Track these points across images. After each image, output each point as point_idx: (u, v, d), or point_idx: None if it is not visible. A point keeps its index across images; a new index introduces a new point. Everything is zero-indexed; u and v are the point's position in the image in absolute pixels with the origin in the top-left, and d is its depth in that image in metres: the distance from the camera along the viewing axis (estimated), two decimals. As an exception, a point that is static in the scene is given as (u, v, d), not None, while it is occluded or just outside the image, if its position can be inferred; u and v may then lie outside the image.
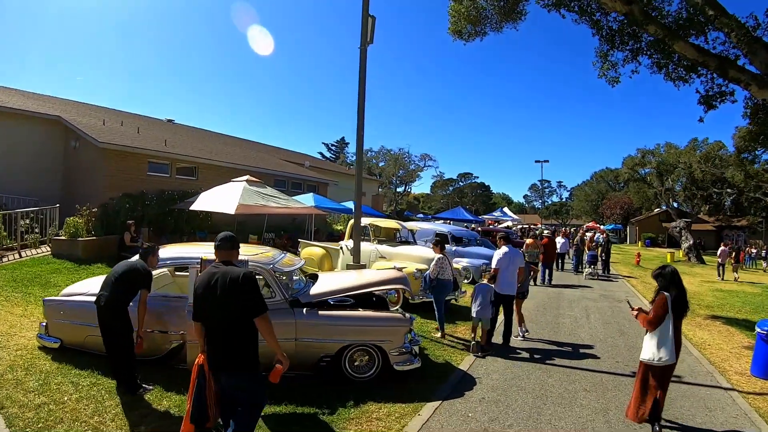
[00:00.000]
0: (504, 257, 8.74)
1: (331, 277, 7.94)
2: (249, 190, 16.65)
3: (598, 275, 19.57)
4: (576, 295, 14.65)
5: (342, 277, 7.98)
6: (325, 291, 6.83)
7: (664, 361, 5.25)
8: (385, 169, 49.20)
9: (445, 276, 9.10)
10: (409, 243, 12.64)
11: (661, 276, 5.44)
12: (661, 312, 5.24)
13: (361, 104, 10.35)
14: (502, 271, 8.72)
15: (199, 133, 31.72)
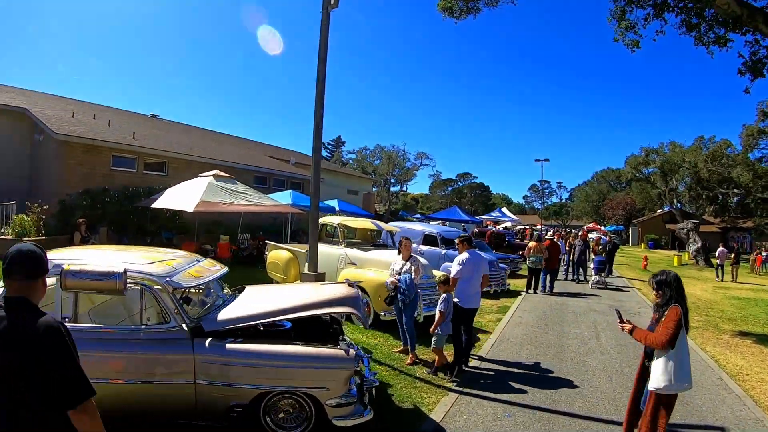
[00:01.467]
0: (468, 264, 7.11)
1: (260, 293, 6.10)
2: (214, 186, 15.21)
3: (606, 284, 17.24)
4: (582, 307, 12.81)
5: (274, 294, 6.16)
6: (241, 315, 5.00)
7: (684, 389, 4.40)
8: (379, 168, 47.28)
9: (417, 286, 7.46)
10: (386, 246, 10.81)
11: (665, 284, 4.55)
12: (676, 329, 4.24)
13: (322, 74, 8.60)
14: (465, 281, 7.09)
15: (179, 128, 29.93)
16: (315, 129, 8.72)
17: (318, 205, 8.76)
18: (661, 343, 4.26)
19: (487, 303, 12.67)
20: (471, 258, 7.13)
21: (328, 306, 5.42)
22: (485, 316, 11.04)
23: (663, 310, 4.46)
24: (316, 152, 8.77)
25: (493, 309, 11.96)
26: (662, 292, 4.55)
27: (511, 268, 18.44)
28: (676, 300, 4.42)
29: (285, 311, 5.19)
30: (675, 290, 4.51)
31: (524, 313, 11.61)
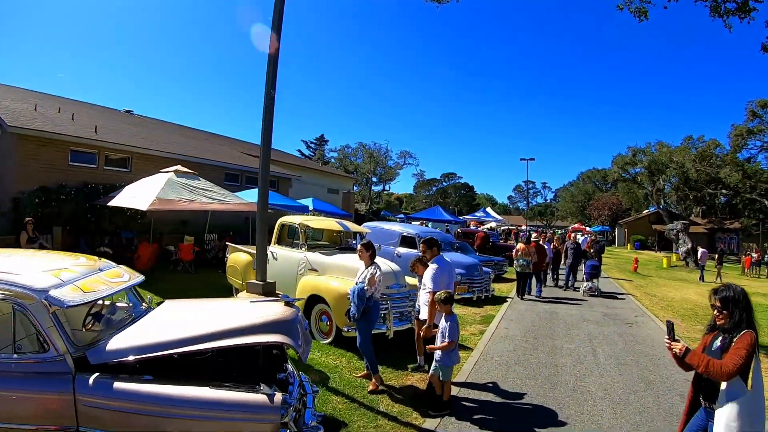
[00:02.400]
0: (442, 274, 6.02)
1: (176, 312, 4.79)
2: (174, 182, 13.98)
3: (599, 291, 15.35)
4: (573, 315, 11.59)
5: (192, 313, 4.79)
6: (138, 344, 3.73)
7: None
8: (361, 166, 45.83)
9: (378, 294, 6.31)
10: (354, 250, 9.47)
11: (733, 302, 3.39)
12: (748, 359, 3.15)
13: (274, 50, 7.26)
14: None
15: (151, 124, 28.27)
16: (265, 112, 7.38)
17: (266, 202, 7.42)
18: (726, 373, 3.16)
19: (470, 312, 11.44)
20: (443, 267, 5.91)
21: (252, 333, 4.08)
22: (467, 328, 9.80)
23: (732, 336, 3.34)
24: (266, 137, 7.42)
25: (476, 319, 10.72)
26: (728, 312, 3.41)
27: (495, 271, 17.23)
28: (747, 323, 3.34)
29: (194, 340, 3.86)
30: (745, 310, 3.41)
31: (510, 323, 10.36)
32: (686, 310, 13.89)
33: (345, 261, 8.44)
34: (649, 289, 18.27)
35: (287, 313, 4.51)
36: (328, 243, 10.67)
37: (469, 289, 12.54)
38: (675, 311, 13.47)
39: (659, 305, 14.31)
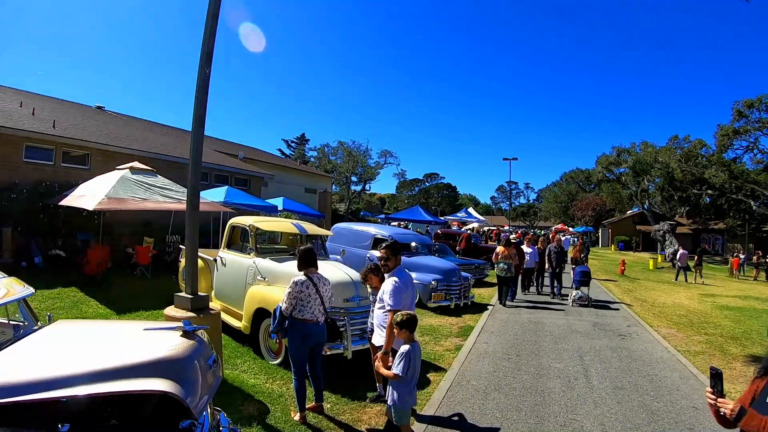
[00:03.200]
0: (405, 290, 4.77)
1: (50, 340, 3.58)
2: (128, 180, 12.87)
3: (590, 301, 13.57)
4: (560, 326, 10.49)
5: (66, 344, 3.55)
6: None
7: None
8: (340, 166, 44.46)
9: (306, 314, 5.00)
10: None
11: None
12: None
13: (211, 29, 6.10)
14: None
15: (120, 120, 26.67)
16: (198, 91, 6.18)
17: (197, 199, 6.22)
18: None
19: (447, 322, 10.30)
20: (406, 281, 4.72)
21: (127, 376, 2.91)
22: (442, 342, 8.65)
23: None
24: (198, 121, 6.21)
25: (453, 331, 9.56)
26: None
27: (476, 275, 16.11)
28: None
29: (47, 384, 2.68)
30: None
31: (491, 336, 9.22)
32: (680, 317, 12.91)
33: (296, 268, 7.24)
34: (639, 293, 17.31)
35: (181, 349, 3.31)
36: (286, 247, 9.47)
37: (446, 297, 11.40)
38: (669, 319, 12.47)
39: (651, 312, 13.31)
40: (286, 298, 4.94)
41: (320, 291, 5.03)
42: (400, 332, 4.23)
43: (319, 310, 5.00)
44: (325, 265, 7.21)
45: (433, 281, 11.17)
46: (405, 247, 12.99)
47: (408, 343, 4.21)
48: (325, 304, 5.10)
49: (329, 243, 14.68)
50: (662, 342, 9.64)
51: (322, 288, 5.10)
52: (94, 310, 9.56)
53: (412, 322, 4.21)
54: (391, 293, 4.59)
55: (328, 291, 5.22)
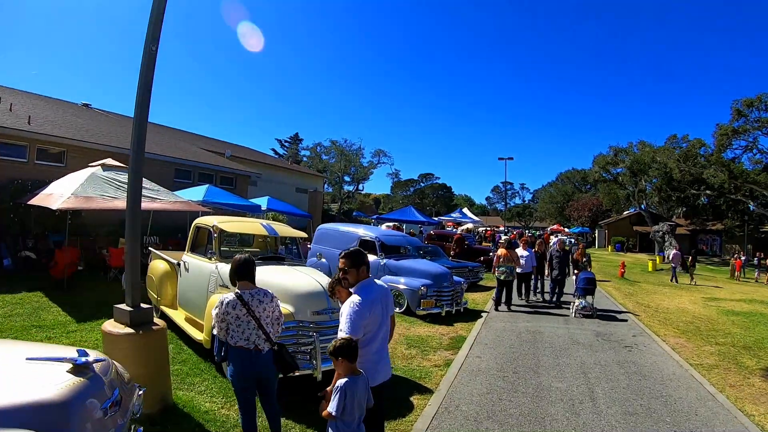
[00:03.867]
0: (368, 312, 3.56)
1: None
2: (98, 178, 12.02)
3: (595, 311, 12.02)
4: (561, 336, 9.62)
5: None
6: None
7: None
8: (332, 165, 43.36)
9: (239, 341, 4.05)
10: (282, 259, 7.41)
11: None
12: None
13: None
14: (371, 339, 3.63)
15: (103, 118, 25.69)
16: (143, 72, 5.30)
17: (138, 196, 5.36)
18: None
19: (437, 332, 9.42)
20: (371, 300, 3.62)
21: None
22: (430, 356, 7.78)
23: None
24: (142, 105, 5.33)
25: (443, 343, 8.68)
26: None
27: (470, 279, 15.26)
28: None
29: None
30: None
31: (485, 349, 8.34)
32: (687, 324, 12.09)
33: (264, 276, 6.32)
34: (640, 297, 16.49)
35: (61, 391, 2.43)
36: (259, 251, 8.59)
37: (437, 304, 10.53)
38: (675, 326, 11.65)
39: (656, 319, 12.48)
40: (214, 321, 4.05)
41: (254, 312, 4.04)
42: (336, 362, 3.34)
43: (256, 335, 4.01)
44: (294, 273, 6.34)
45: (422, 287, 10.29)
46: (393, 250, 12.15)
47: (347, 375, 3.31)
48: (266, 327, 4.08)
49: (314, 245, 13.85)
50: (672, 354, 8.79)
51: (258, 307, 4.08)
52: (54, 317, 8.75)
53: (348, 350, 3.29)
54: (348, 317, 3.48)
55: (271, 310, 4.19)
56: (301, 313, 5.61)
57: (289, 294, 5.74)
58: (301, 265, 7.34)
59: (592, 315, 11.76)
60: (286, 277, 6.14)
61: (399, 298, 10.70)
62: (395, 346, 8.20)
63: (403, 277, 10.87)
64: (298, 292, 5.74)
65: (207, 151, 26.17)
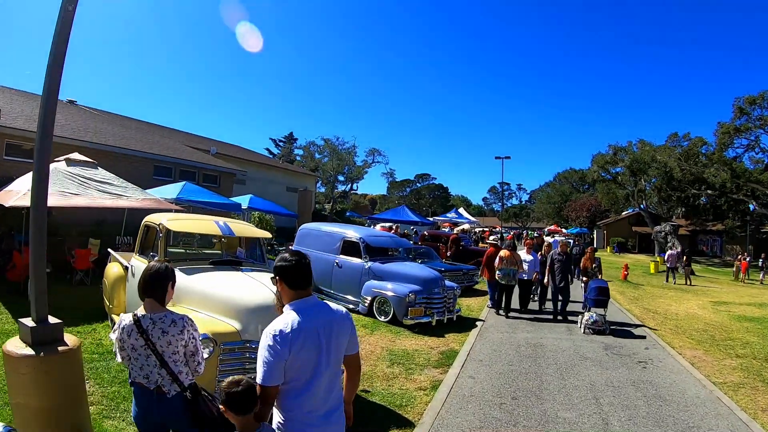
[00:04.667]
0: (295, 341, 2.37)
1: None
2: (61, 173, 11.15)
3: (608, 327, 10.20)
4: (566, 352, 8.54)
5: None
6: None
7: None
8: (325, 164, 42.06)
9: (138, 376, 3.02)
10: (239, 263, 6.30)
11: None
12: None
13: None
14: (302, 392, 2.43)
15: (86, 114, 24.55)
16: (58, 34, 4.23)
17: (44, 193, 4.27)
18: None
19: (425, 345, 8.35)
20: (300, 325, 2.42)
21: None
22: (416, 376, 6.71)
23: None
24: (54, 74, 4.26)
25: (431, 359, 7.60)
26: None
27: (465, 282, 14.20)
28: None
29: None
30: None
31: (479, 367, 7.26)
32: (700, 333, 11.07)
33: (209, 285, 5.22)
34: (647, 302, 15.45)
35: None
36: (220, 253, 7.51)
37: (426, 312, 9.44)
38: (689, 335, 10.62)
39: (667, 327, 11.45)
40: (115, 346, 3.00)
41: (155, 344, 2.93)
42: (227, 413, 2.27)
43: (156, 373, 2.92)
44: (246, 281, 5.24)
45: (410, 293, 9.20)
46: (380, 252, 11.08)
47: (243, 429, 2.26)
48: (173, 365, 2.96)
49: (296, 246, 12.77)
50: (692, 371, 7.74)
51: (161, 339, 2.95)
52: (1, 326, 7.69)
53: (239, 401, 2.25)
54: (260, 356, 2.37)
55: (180, 343, 3.02)
56: (250, 332, 4.54)
57: (235, 307, 4.67)
58: (264, 271, 6.27)
59: (604, 331, 10.01)
60: (235, 286, 5.05)
61: (385, 306, 9.63)
62: (376, 363, 7.14)
63: (389, 282, 9.79)
64: (246, 306, 4.66)
65: (191, 148, 25.06)
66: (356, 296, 10.29)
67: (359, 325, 9.27)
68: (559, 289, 11.47)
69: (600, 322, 10.08)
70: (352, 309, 10.30)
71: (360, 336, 8.66)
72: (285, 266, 2.57)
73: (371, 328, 9.17)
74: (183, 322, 3.06)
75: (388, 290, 9.52)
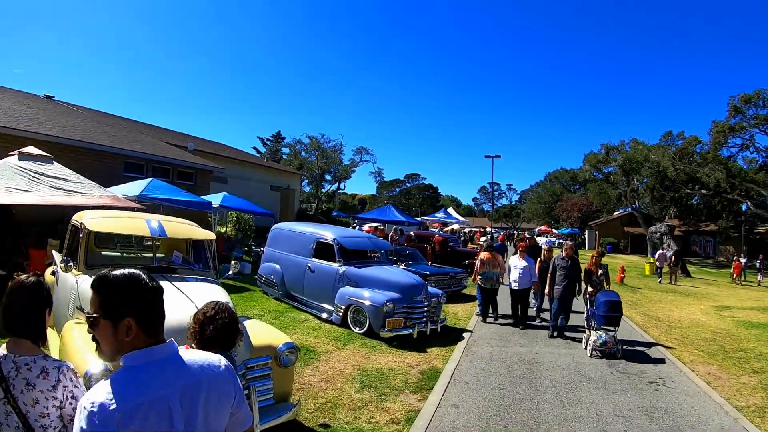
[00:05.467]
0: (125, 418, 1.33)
1: None
2: (10, 167, 10.18)
3: (621, 350, 8.33)
4: (564, 368, 7.48)
5: None
6: None
7: None
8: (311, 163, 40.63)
9: None
10: (172, 272, 5.17)
11: None
12: None
13: None
14: None
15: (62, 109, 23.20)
16: None
17: None
18: None
19: (404, 363, 7.25)
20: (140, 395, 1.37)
21: None
22: (389, 404, 5.60)
23: None
24: None
25: (410, 379, 6.50)
26: None
27: (452, 287, 13.15)
28: None
29: None
30: None
31: (465, 392, 6.15)
32: (708, 343, 10.10)
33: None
34: (647, 307, 14.45)
35: None
36: (164, 257, 6.37)
37: (406, 323, 8.34)
38: (697, 346, 9.63)
39: (673, 336, 10.44)
40: None
41: (16, 399, 1.95)
42: None
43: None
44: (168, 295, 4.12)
45: (388, 302, 8.08)
46: (355, 254, 9.96)
47: None
48: (34, 425, 1.96)
49: (267, 248, 11.70)
50: (710, 393, 6.71)
51: (25, 394, 2.00)
52: None
53: None
54: None
55: (53, 402, 2.04)
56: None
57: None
58: (205, 280, 5.15)
59: (615, 354, 8.13)
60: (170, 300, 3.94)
61: (360, 316, 8.53)
62: (344, 386, 6.04)
63: (366, 289, 8.68)
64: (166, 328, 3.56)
65: (168, 144, 23.79)
66: (330, 304, 9.18)
67: (331, 338, 8.17)
68: (562, 303, 9.38)
69: (611, 344, 8.19)
70: (326, 318, 9.21)
71: (330, 351, 7.56)
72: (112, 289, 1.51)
73: (344, 341, 8.07)
74: (58, 374, 2.06)
75: (363, 298, 8.42)
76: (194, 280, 5.08)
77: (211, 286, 4.83)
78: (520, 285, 10.16)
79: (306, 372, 6.53)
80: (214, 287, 4.85)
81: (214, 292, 4.52)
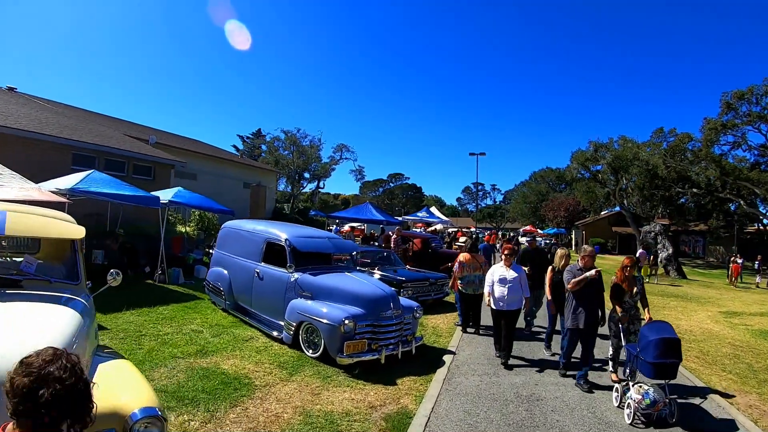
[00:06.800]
0: None
1: None
2: None
3: (677, 410, 5.37)
4: (574, 409, 5.79)
5: None
6: None
7: None
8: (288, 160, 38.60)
9: None
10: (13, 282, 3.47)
11: None
12: None
13: None
14: None
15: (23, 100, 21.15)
16: None
17: None
18: None
19: (364, 398, 5.51)
20: None
21: None
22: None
23: None
24: None
25: (369, 429, 4.79)
26: None
27: (432, 295, 11.45)
28: None
29: None
30: None
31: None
32: (731, 360, 8.57)
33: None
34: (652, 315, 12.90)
35: None
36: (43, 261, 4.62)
37: (371, 346, 6.58)
38: (721, 366, 8.08)
39: (691, 353, 8.81)
40: None
41: None
42: None
43: None
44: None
45: (346, 320, 6.31)
46: (311, 257, 8.20)
47: None
48: None
49: (216, 250, 9.94)
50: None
51: None
52: None
53: None
54: None
55: None
56: None
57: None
58: (49, 301, 3.40)
59: (674, 420, 5.29)
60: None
61: (314, 336, 6.78)
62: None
63: (321, 302, 6.92)
64: None
65: (126, 136, 21.82)
66: (281, 319, 7.42)
67: (276, 364, 6.42)
68: (579, 337, 6.58)
69: (661, 404, 5.30)
70: (276, 337, 7.44)
71: (270, 385, 5.78)
72: None
73: (291, 368, 6.30)
74: None
75: (316, 314, 6.63)
76: (36, 298, 3.34)
77: (53, 311, 3.07)
78: (508, 305, 7.28)
79: (230, 418, 4.79)
80: (61, 312, 3.09)
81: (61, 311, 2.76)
